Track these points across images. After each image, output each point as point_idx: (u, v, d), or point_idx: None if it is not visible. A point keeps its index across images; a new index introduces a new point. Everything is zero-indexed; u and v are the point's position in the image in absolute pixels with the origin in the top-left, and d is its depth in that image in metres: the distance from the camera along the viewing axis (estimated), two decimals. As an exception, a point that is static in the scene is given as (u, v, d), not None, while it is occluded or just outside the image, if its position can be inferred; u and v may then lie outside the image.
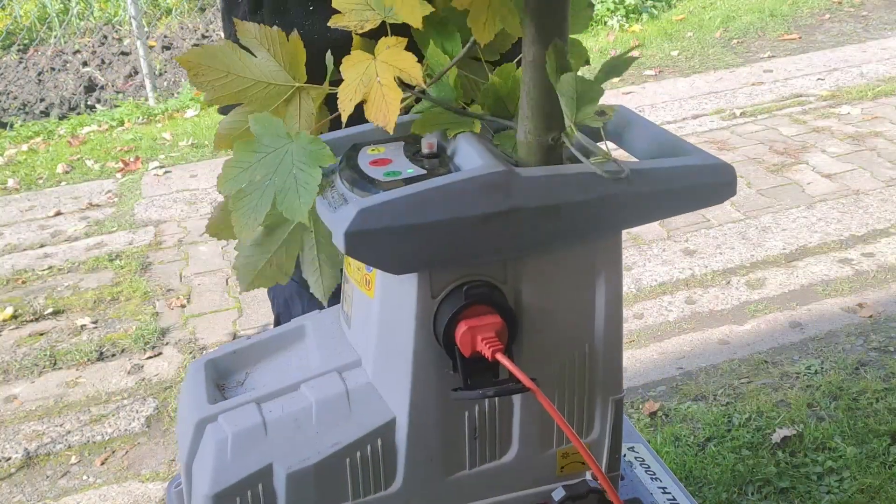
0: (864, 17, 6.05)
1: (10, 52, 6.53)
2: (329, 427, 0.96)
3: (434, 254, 0.87)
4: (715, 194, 0.98)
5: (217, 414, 0.95)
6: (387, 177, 0.89)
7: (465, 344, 0.90)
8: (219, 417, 0.95)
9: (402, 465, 1.00)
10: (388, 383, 0.97)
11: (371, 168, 0.91)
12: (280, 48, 0.96)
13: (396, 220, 0.83)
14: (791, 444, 2.30)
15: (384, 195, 0.84)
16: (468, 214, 0.86)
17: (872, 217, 3.47)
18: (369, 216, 0.81)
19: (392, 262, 0.86)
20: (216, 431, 0.94)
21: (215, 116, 5.20)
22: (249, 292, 1.04)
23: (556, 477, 1.10)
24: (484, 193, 0.86)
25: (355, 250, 0.83)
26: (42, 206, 4.18)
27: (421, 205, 0.83)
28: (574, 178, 0.90)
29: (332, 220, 0.85)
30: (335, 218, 0.84)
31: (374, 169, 0.91)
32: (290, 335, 1.09)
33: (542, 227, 0.91)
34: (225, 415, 0.95)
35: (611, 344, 1.05)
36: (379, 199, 0.83)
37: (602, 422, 1.09)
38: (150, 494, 2.40)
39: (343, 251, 0.82)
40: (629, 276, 3.20)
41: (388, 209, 0.82)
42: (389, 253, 0.85)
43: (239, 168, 0.92)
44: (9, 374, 2.92)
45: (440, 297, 0.91)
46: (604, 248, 0.99)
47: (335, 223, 0.84)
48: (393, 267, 0.87)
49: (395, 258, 0.86)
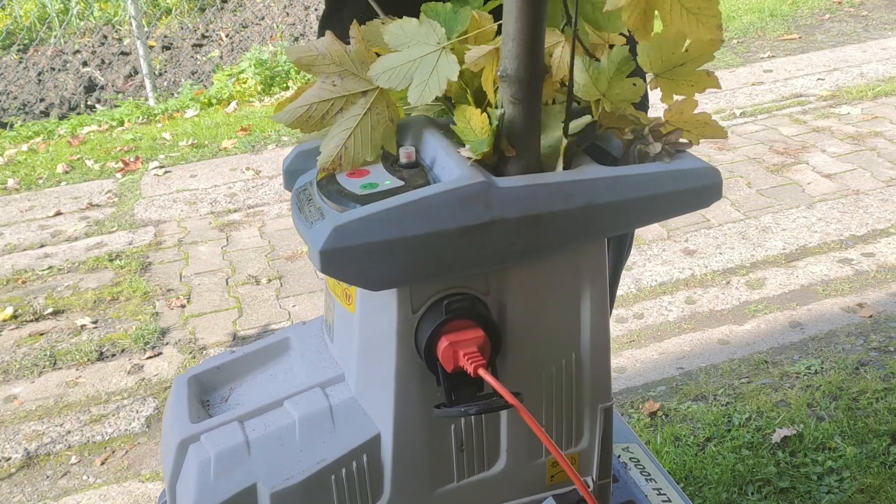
0: (864, 17, 6.01)
1: (10, 52, 6.53)
2: (313, 444, 0.95)
3: (413, 269, 0.86)
4: (700, 198, 0.96)
5: (199, 433, 0.94)
6: (363, 189, 0.88)
7: (447, 359, 0.89)
8: (201, 437, 0.94)
9: (389, 481, 0.99)
10: (372, 398, 0.96)
11: (348, 180, 0.90)
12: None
13: (373, 236, 0.82)
14: (791, 444, 2.29)
15: (360, 210, 0.82)
16: (447, 227, 0.84)
17: (872, 217, 3.45)
18: (344, 233, 0.80)
19: (370, 278, 0.85)
20: (199, 452, 0.93)
21: (215, 116, 5.19)
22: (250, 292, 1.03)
23: (546, 486, 1.09)
24: (463, 206, 0.85)
25: (331, 268, 0.82)
26: (42, 206, 4.17)
27: (398, 219, 0.82)
28: (555, 186, 0.89)
29: (308, 236, 0.84)
30: (311, 234, 0.83)
31: (350, 181, 0.90)
32: (275, 349, 1.08)
33: (524, 237, 0.89)
34: (207, 434, 0.94)
35: (598, 352, 1.04)
36: (355, 214, 0.82)
37: (591, 430, 1.08)
38: (150, 494, 2.39)
39: (318, 269, 0.81)
40: (629, 276, 3.18)
41: (364, 225, 0.81)
42: (367, 269, 0.84)
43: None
44: (9, 374, 2.92)
45: (421, 312, 0.91)
46: (588, 254, 0.98)
47: (310, 240, 0.83)
48: (371, 283, 0.86)
49: (372, 274, 0.84)
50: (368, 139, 0.90)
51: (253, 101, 5.45)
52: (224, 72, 5.71)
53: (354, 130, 0.89)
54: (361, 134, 0.90)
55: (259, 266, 3.44)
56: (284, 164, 1.04)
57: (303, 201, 0.91)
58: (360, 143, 0.90)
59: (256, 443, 0.93)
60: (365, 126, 0.90)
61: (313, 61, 0.91)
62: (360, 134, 0.90)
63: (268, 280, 3.32)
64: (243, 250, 3.59)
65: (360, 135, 0.90)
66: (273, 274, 3.36)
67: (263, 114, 5.14)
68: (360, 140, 0.90)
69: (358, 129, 0.90)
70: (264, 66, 5.61)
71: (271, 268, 3.42)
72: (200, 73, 6.06)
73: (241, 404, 1.00)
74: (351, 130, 0.89)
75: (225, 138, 4.82)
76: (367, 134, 0.90)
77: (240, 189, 4.18)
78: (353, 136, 0.89)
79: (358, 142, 0.89)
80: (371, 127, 0.91)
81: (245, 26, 6.91)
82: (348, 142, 0.89)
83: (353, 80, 0.91)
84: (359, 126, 0.90)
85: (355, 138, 0.89)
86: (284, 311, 3.11)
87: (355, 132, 0.89)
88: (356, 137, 0.89)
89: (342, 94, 0.90)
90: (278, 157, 4.54)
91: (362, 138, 0.90)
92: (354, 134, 0.89)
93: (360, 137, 0.90)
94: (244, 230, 3.77)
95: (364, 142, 0.90)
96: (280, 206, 3.97)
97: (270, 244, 3.62)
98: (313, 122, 0.89)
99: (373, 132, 0.90)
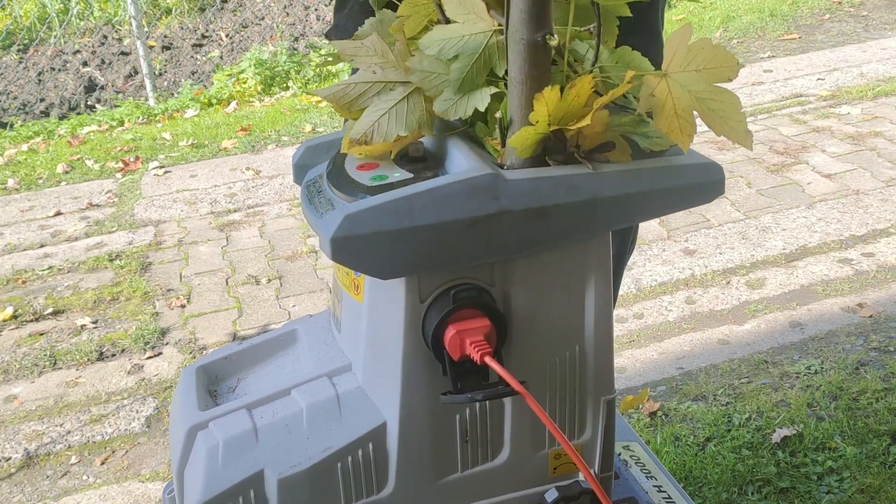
0: (864, 17, 6.03)
1: (10, 52, 6.54)
2: (320, 432, 0.95)
3: (421, 258, 0.87)
4: (704, 193, 0.98)
5: (208, 420, 0.95)
6: (373, 181, 0.89)
7: (454, 348, 0.90)
8: (210, 424, 0.95)
9: (394, 469, 1.00)
10: (379, 387, 0.97)
11: (358, 172, 0.91)
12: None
13: (383, 225, 0.82)
14: (791, 444, 2.30)
15: (370, 200, 0.83)
16: (455, 218, 0.85)
17: (872, 217, 3.46)
18: (355, 221, 0.81)
19: (379, 267, 0.86)
20: (207, 438, 0.94)
21: (215, 116, 5.20)
22: (249, 292, 1.04)
23: (548, 478, 1.10)
24: (471, 197, 0.86)
25: (342, 256, 0.82)
26: (42, 206, 4.18)
27: (407, 209, 0.83)
28: (561, 179, 0.90)
29: (318, 225, 0.85)
30: (321, 223, 0.84)
31: (360, 173, 0.91)
32: (282, 340, 1.09)
33: (530, 229, 0.90)
34: (216, 421, 0.95)
35: (601, 344, 1.04)
36: (365, 204, 0.83)
37: (594, 423, 1.09)
38: (150, 494, 2.39)
39: (329, 257, 0.82)
40: (629, 276, 3.19)
41: (375, 214, 0.82)
42: (376, 258, 0.85)
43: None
44: (9, 374, 2.92)
45: (428, 301, 0.91)
46: (593, 248, 0.99)
47: (321, 228, 0.83)
48: (380, 272, 0.87)
49: (382, 263, 0.85)
50: (403, 119, 0.91)
51: (253, 101, 5.46)
52: (224, 72, 5.72)
53: (389, 111, 0.91)
54: (396, 114, 0.91)
55: (259, 266, 3.44)
56: (294, 158, 1.05)
57: (313, 193, 0.92)
58: (394, 120, 0.91)
59: (264, 430, 0.94)
60: (401, 109, 0.92)
61: (357, 52, 0.93)
62: (395, 113, 0.91)
63: (268, 280, 3.32)
64: (243, 250, 3.60)
65: (394, 114, 0.91)
66: (273, 274, 3.37)
67: (263, 114, 5.15)
68: (393, 118, 0.91)
69: (393, 109, 0.91)
70: (264, 66, 5.62)
71: (271, 268, 3.42)
72: (200, 73, 6.07)
73: (248, 394, 1.01)
74: (385, 111, 0.91)
75: (225, 138, 4.82)
76: (403, 115, 0.91)
77: (240, 189, 4.19)
78: (387, 115, 0.91)
79: (392, 119, 0.91)
80: (407, 111, 0.92)
81: (245, 26, 6.92)
82: (381, 119, 0.90)
83: (394, 71, 0.92)
84: (395, 107, 0.91)
85: (389, 116, 0.91)
86: (284, 311, 3.11)
87: (390, 112, 0.91)
88: (390, 116, 0.91)
89: (381, 79, 0.92)
90: (278, 157, 4.55)
91: (396, 117, 0.91)
92: (389, 113, 0.91)
93: (394, 116, 0.91)
94: (244, 230, 3.78)
95: (398, 121, 0.91)
96: (280, 206, 3.98)
97: (270, 244, 3.62)
98: (349, 100, 0.91)
99: (409, 115, 0.91)
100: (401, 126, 0.90)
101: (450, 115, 0.91)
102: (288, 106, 5.26)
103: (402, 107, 0.92)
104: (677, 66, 0.89)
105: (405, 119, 0.91)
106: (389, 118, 0.90)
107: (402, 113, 0.91)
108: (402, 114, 0.91)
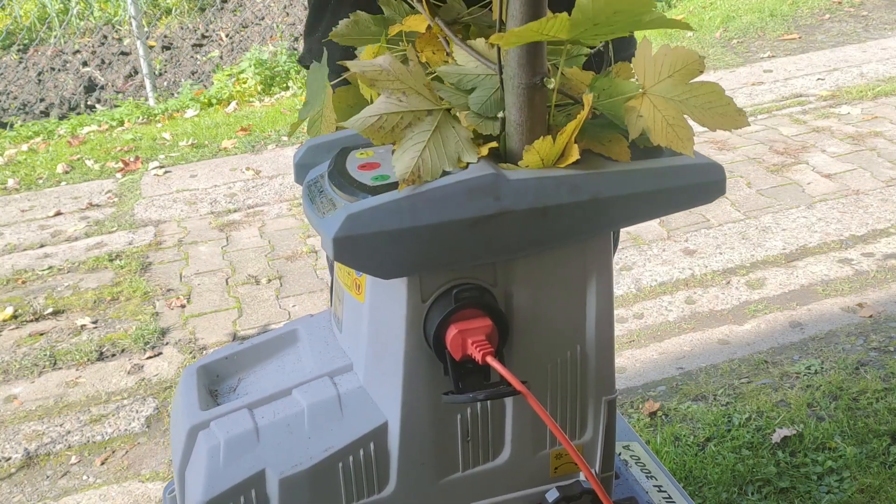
0: (864, 17, 6.03)
1: (10, 52, 6.54)
2: (321, 432, 0.96)
3: (423, 258, 0.87)
4: (704, 194, 0.98)
5: (209, 420, 0.95)
6: (375, 181, 0.89)
7: (456, 347, 0.90)
8: (211, 424, 0.95)
9: (395, 469, 1.00)
10: (380, 387, 0.97)
11: (359, 172, 0.91)
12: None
13: (384, 224, 0.83)
14: (791, 444, 2.30)
15: (372, 200, 0.83)
16: (457, 218, 0.86)
17: (872, 217, 3.46)
18: (357, 221, 0.81)
19: (381, 266, 0.86)
20: (208, 438, 0.94)
21: (215, 116, 5.20)
22: (249, 292, 1.04)
23: (549, 478, 1.10)
24: (472, 197, 0.86)
25: (344, 255, 0.83)
26: (42, 206, 4.18)
27: (409, 209, 0.83)
28: (562, 180, 0.90)
29: (320, 225, 0.85)
30: (323, 223, 0.84)
31: (362, 173, 0.91)
32: (283, 340, 1.09)
33: (532, 229, 0.91)
34: (217, 421, 0.95)
35: (603, 344, 1.04)
36: (367, 203, 0.83)
37: (595, 422, 1.09)
38: (150, 494, 2.39)
39: (331, 256, 0.82)
40: (629, 276, 3.19)
41: (377, 214, 0.82)
42: (378, 257, 0.85)
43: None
44: (9, 374, 2.92)
45: (430, 301, 0.91)
46: (594, 248, 0.99)
47: (324, 228, 0.84)
48: (382, 271, 0.87)
49: (383, 263, 0.86)
50: (444, 152, 0.91)
51: (253, 101, 5.46)
52: (224, 72, 5.72)
53: (428, 144, 0.91)
54: (435, 147, 0.91)
55: (259, 266, 3.44)
56: (295, 158, 1.05)
57: (314, 193, 0.92)
58: (437, 154, 0.91)
59: (265, 430, 0.94)
60: (437, 141, 0.92)
61: (377, 76, 0.92)
62: (434, 147, 0.91)
63: (268, 280, 3.32)
64: (243, 250, 3.60)
65: (433, 148, 0.91)
66: (273, 274, 3.37)
67: (263, 114, 5.15)
68: (435, 153, 0.91)
69: (430, 142, 0.91)
70: (264, 66, 5.62)
71: (271, 268, 3.42)
72: (200, 73, 6.07)
73: (249, 394, 1.01)
74: (424, 144, 0.91)
75: (225, 138, 4.82)
76: (441, 147, 0.91)
77: (240, 189, 4.19)
78: (427, 149, 0.91)
79: (433, 154, 0.91)
80: (443, 141, 0.92)
81: (245, 26, 6.92)
82: (424, 154, 0.90)
83: (417, 98, 0.92)
84: (431, 140, 0.91)
85: (430, 151, 0.91)
86: (284, 311, 3.11)
87: (429, 146, 0.91)
88: (430, 150, 0.91)
89: (409, 109, 0.92)
90: (278, 157, 4.55)
91: (437, 151, 0.91)
92: (428, 147, 0.91)
93: (434, 151, 0.91)
94: (244, 230, 3.78)
95: (440, 154, 0.91)
96: (280, 206, 3.98)
97: (270, 244, 3.62)
98: (384, 133, 0.90)
99: (446, 146, 0.91)
100: (443, 161, 0.90)
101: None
102: (288, 106, 5.26)
103: (437, 138, 0.92)
104: (651, 80, 0.91)
105: (444, 150, 0.91)
106: (431, 153, 0.90)
107: (439, 144, 0.91)
108: (440, 145, 0.91)
